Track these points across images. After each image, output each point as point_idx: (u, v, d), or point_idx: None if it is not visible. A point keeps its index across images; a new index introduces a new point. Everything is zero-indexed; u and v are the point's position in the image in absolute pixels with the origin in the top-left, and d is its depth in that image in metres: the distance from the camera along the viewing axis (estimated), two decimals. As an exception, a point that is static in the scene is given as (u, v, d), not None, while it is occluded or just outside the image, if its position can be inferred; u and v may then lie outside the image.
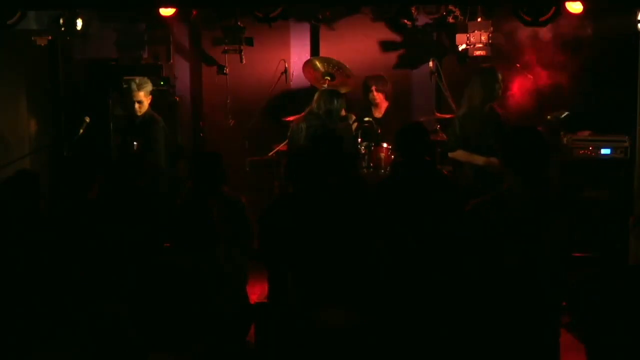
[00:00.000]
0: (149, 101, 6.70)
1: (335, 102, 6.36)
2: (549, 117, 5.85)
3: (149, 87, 6.68)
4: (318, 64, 7.35)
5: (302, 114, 6.53)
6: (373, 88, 7.18)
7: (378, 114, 7.25)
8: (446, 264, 4.02)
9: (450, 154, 6.09)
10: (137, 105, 6.64)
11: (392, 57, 7.94)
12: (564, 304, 3.76)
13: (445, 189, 4.41)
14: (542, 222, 3.64)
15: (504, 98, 5.88)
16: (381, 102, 7.24)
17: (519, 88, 6.80)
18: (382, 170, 6.58)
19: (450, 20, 7.43)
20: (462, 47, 7.20)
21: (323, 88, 6.88)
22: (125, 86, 6.81)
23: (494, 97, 5.90)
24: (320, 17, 7.73)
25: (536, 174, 3.69)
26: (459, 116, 6.00)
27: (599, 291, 2.48)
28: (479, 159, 5.82)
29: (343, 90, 6.99)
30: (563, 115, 5.76)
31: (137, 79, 6.67)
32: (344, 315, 4.04)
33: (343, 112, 6.55)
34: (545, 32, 7.27)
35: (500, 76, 5.92)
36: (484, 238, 3.69)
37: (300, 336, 4.05)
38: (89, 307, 3.90)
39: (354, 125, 6.86)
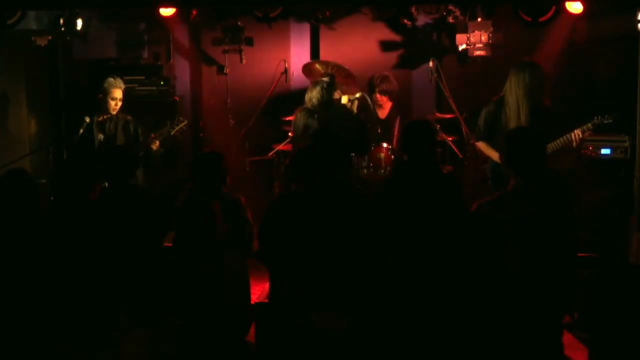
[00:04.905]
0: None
1: (324, 92, 6.35)
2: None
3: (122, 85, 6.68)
4: (319, 67, 7.33)
5: (299, 108, 6.57)
6: (377, 90, 7.17)
7: (382, 114, 7.25)
8: (449, 264, 4.02)
9: (476, 143, 6.02)
10: (119, 104, 6.59)
11: (392, 57, 7.94)
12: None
13: (449, 189, 4.40)
14: (546, 222, 3.64)
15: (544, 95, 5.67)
16: (385, 104, 7.23)
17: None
18: (382, 170, 6.58)
19: (450, 20, 7.45)
20: (462, 47, 7.21)
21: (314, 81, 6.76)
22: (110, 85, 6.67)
23: (527, 93, 5.55)
24: (320, 17, 7.74)
25: (537, 173, 3.68)
26: (485, 109, 5.84)
27: (603, 291, 2.49)
28: (494, 155, 5.76)
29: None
30: (608, 120, 5.70)
31: (118, 78, 6.66)
32: (342, 319, 4.04)
33: (337, 95, 6.53)
34: (545, 32, 7.28)
35: (535, 72, 5.58)
36: (488, 238, 3.69)
37: (300, 336, 4.04)
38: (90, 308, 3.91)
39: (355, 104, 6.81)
